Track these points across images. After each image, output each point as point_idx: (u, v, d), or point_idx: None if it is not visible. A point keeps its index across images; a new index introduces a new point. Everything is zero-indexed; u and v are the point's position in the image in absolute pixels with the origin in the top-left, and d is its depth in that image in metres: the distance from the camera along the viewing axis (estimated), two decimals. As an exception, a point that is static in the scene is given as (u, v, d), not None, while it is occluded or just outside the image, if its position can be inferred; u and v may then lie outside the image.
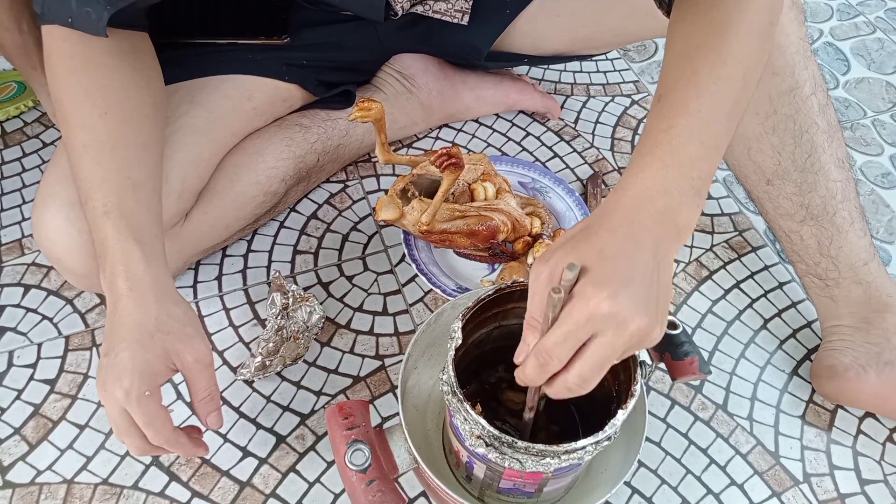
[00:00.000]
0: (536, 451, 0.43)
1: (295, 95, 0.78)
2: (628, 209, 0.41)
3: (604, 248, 0.39)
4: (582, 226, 0.42)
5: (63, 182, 0.60)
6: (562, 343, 0.39)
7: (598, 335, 0.39)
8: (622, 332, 0.38)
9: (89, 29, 0.53)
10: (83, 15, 0.52)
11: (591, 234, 0.40)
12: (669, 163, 0.42)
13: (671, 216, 0.41)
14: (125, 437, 0.50)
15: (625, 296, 0.38)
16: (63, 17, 0.53)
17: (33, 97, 0.90)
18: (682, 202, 0.42)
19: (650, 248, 0.40)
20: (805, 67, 0.63)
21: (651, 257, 0.40)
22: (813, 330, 0.74)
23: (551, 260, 0.40)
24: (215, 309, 0.72)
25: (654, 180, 0.42)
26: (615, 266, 0.39)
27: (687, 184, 0.42)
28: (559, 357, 0.39)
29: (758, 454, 0.65)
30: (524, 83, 0.92)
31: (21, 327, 0.70)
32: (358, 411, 0.53)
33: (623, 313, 0.38)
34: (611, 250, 0.39)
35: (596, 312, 0.38)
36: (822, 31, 1.10)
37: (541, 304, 0.40)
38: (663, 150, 0.43)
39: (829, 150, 0.65)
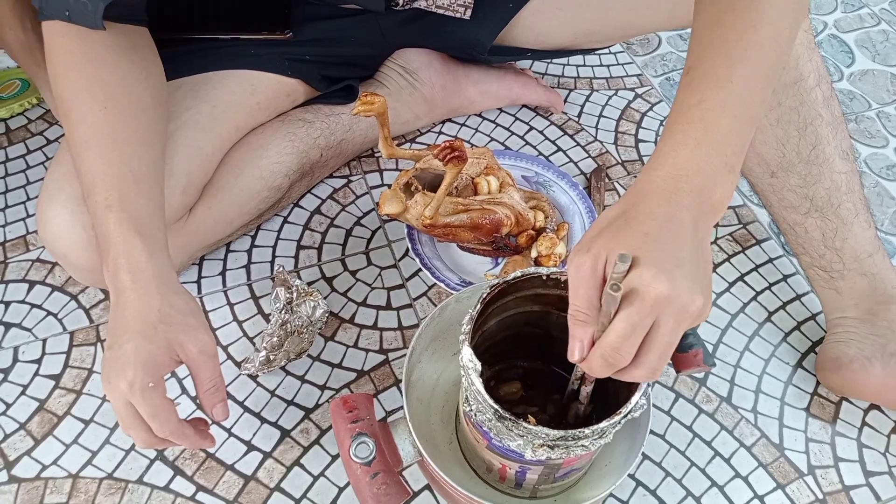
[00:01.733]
0: (600, 430, 0.43)
1: (298, 90, 0.78)
2: (664, 190, 0.40)
3: (648, 231, 0.38)
4: (617, 210, 0.41)
5: (67, 178, 0.60)
6: (629, 336, 0.38)
7: (661, 321, 0.38)
8: (684, 314, 0.38)
9: (86, 22, 0.53)
10: (80, 7, 0.52)
11: (631, 219, 0.40)
12: (702, 140, 0.41)
13: (707, 194, 0.41)
14: (130, 429, 0.50)
15: (680, 277, 0.37)
16: (60, 11, 0.53)
17: (37, 94, 0.91)
18: (716, 180, 0.41)
19: (691, 227, 0.39)
20: (809, 59, 0.63)
21: (693, 235, 0.39)
22: (817, 322, 0.74)
23: (592, 249, 0.39)
24: (219, 304, 0.73)
25: (688, 159, 0.41)
26: (663, 249, 0.38)
27: (721, 161, 0.41)
28: (628, 351, 0.38)
29: (762, 446, 0.65)
30: (527, 77, 0.92)
31: (26, 323, 0.71)
32: (362, 404, 0.53)
33: (683, 296, 0.37)
34: (655, 233, 0.38)
35: (658, 298, 0.37)
36: (826, 24, 1.09)
37: (587, 297, 0.39)
38: (696, 126, 0.42)
39: (833, 142, 0.64)
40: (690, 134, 0.41)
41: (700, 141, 0.41)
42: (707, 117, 0.42)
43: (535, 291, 0.52)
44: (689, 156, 0.41)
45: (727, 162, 0.42)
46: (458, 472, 0.57)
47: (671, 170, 0.41)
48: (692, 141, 0.41)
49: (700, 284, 0.38)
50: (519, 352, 0.59)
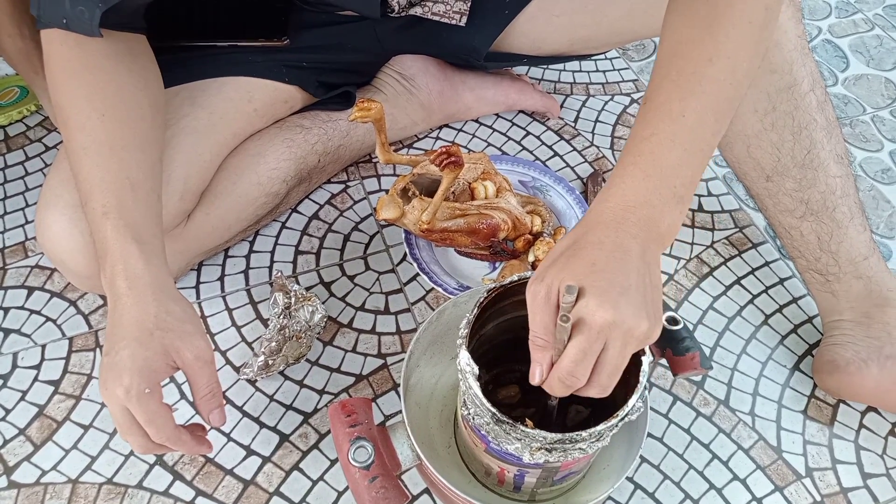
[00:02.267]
0: (597, 433, 0.44)
1: (295, 97, 0.78)
2: (611, 221, 0.42)
3: (595, 261, 0.41)
4: (569, 241, 0.43)
5: (66, 185, 0.60)
6: (581, 361, 0.41)
7: (609, 345, 0.40)
8: (629, 338, 0.40)
9: (83, 29, 0.54)
10: (76, 14, 0.53)
11: (580, 250, 0.41)
12: (651, 172, 0.43)
13: (654, 224, 0.42)
14: (127, 435, 0.50)
15: (625, 304, 0.39)
16: (58, 18, 0.54)
17: (36, 101, 0.91)
18: (663, 211, 0.43)
19: (638, 254, 0.41)
20: (803, 65, 0.63)
21: (640, 262, 0.41)
22: (814, 325, 0.74)
23: (546, 279, 0.41)
24: (218, 309, 0.73)
25: (636, 191, 0.42)
26: (609, 278, 0.40)
27: (669, 192, 0.43)
28: (582, 374, 0.41)
29: (760, 449, 0.65)
30: (524, 83, 0.93)
31: (25, 329, 0.71)
32: (360, 409, 0.53)
33: (629, 321, 0.39)
34: (602, 263, 0.40)
35: (604, 326, 0.39)
36: (820, 29, 1.10)
37: (543, 323, 0.42)
38: (645, 159, 0.43)
39: (828, 147, 0.65)
40: (640, 166, 0.43)
41: (649, 173, 0.43)
42: (657, 150, 0.43)
43: (532, 295, 0.52)
44: (637, 187, 0.43)
45: (675, 193, 0.43)
46: (457, 475, 0.57)
47: (620, 201, 0.43)
48: (641, 173, 0.43)
49: (646, 310, 0.40)
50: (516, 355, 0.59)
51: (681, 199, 0.43)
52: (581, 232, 0.43)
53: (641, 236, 0.42)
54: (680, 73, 0.44)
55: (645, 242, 0.42)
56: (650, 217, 0.42)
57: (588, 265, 0.40)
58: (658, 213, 0.42)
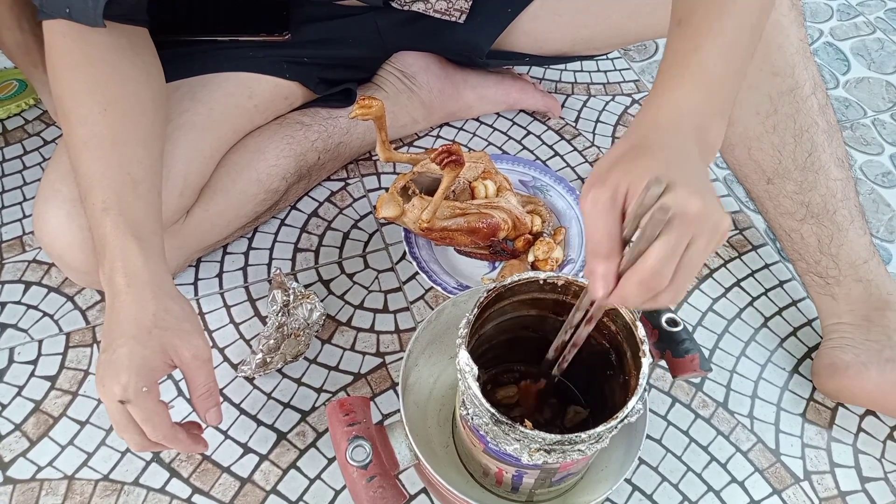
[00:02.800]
0: (596, 435, 0.44)
1: (296, 93, 0.78)
2: (670, 126, 0.42)
3: (668, 158, 0.39)
4: (626, 145, 0.41)
5: (64, 179, 0.60)
6: (670, 257, 0.37)
7: (696, 239, 0.38)
8: (715, 233, 0.38)
9: (87, 19, 0.53)
10: (80, 4, 0.52)
11: (646, 149, 0.40)
12: (700, 83, 0.43)
13: (704, 134, 0.43)
14: (124, 433, 0.50)
15: (711, 199, 0.38)
16: (60, 8, 0.53)
17: (34, 95, 0.90)
18: (711, 122, 0.43)
19: (698, 159, 0.41)
20: (805, 68, 0.63)
21: (703, 164, 0.41)
22: (813, 328, 0.74)
23: (609, 180, 0.39)
24: (216, 306, 0.72)
25: (687, 100, 0.43)
26: (688, 174, 0.39)
27: (715, 104, 0.44)
28: (668, 273, 0.38)
29: (758, 452, 0.65)
30: (525, 82, 0.92)
31: (22, 324, 0.70)
32: (359, 407, 0.53)
33: (716, 215, 0.38)
34: (675, 161, 0.39)
35: (697, 217, 0.37)
36: (822, 31, 1.10)
37: (607, 230, 0.39)
38: (693, 70, 0.44)
39: (829, 150, 0.65)
40: (688, 77, 0.44)
41: (698, 83, 0.43)
42: (704, 62, 0.44)
43: (532, 296, 0.52)
44: (689, 97, 0.43)
45: (720, 107, 0.44)
46: (455, 475, 0.57)
47: (674, 108, 0.43)
48: (690, 83, 0.43)
49: (721, 204, 0.39)
50: (516, 355, 0.59)
51: (723, 115, 0.44)
52: (639, 135, 0.42)
53: (696, 144, 0.42)
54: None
55: (699, 150, 0.42)
56: (701, 126, 0.42)
57: (662, 162, 0.39)
58: (707, 122, 0.43)
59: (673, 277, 0.38)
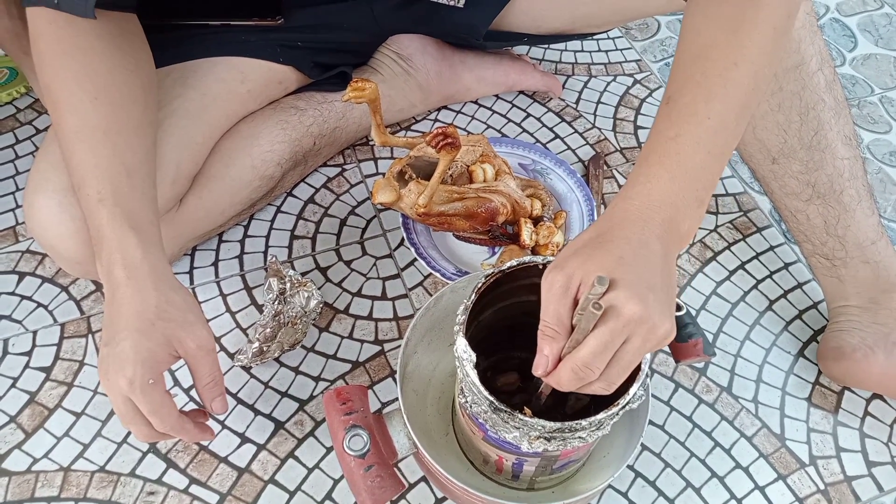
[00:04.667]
0: (597, 422, 0.44)
1: (290, 78, 0.76)
2: (637, 218, 0.42)
3: (623, 255, 0.40)
4: (592, 234, 0.42)
5: (55, 168, 0.59)
6: (601, 353, 0.39)
7: (630, 340, 0.40)
8: (651, 335, 0.40)
9: (76, 10, 0.52)
10: None
11: (606, 243, 0.41)
12: (676, 174, 0.43)
13: (676, 226, 0.43)
14: (131, 425, 0.50)
15: (653, 301, 0.39)
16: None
17: (25, 83, 0.89)
18: (686, 213, 0.43)
19: (661, 254, 0.41)
20: (811, 43, 0.61)
21: (663, 262, 0.41)
22: (819, 311, 0.73)
23: (566, 268, 0.40)
24: (212, 295, 0.72)
25: (661, 192, 0.43)
26: (637, 272, 0.40)
27: (692, 195, 0.43)
28: (598, 367, 0.40)
29: (763, 437, 0.64)
30: (524, 63, 0.91)
31: (16, 315, 0.70)
32: (356, 396, 0.52)
33: (654, 318, 0.39)
34: (630, 257, 0.40)
35: (632, 319, 0.39)
36: (828, 7, 1.08)
37: (557, 314, 0.41)
38: (671, 160, 0.43)
39: (835, 128, 0.63)
40: (665, 167, 0.43)
41: (674, 175, 0.43)
42: (682, 152, 0.43)
43: (532, 281, 0.51)
44: (662, 188, 0.43)
45: (697, 196, 0.44)
46: (455, 463, 0.56)
47: (645, 200, 0.43)
48: (666, 174, 0.43)
49: (668, 309, 0.41)
50: (515, 342, 0.58)
51: (701, 203, 0.44)
52: (605, 226, 0.42)
53: (664, 237, 0.42)
54: (705, 76, 0.44)
55: (667, 243, 0.42)
56: (673, 218, 0.42)
57: (616, 258, 0.40)
58: (681, 214, 0.43)
59: (606, 370, 0.40)
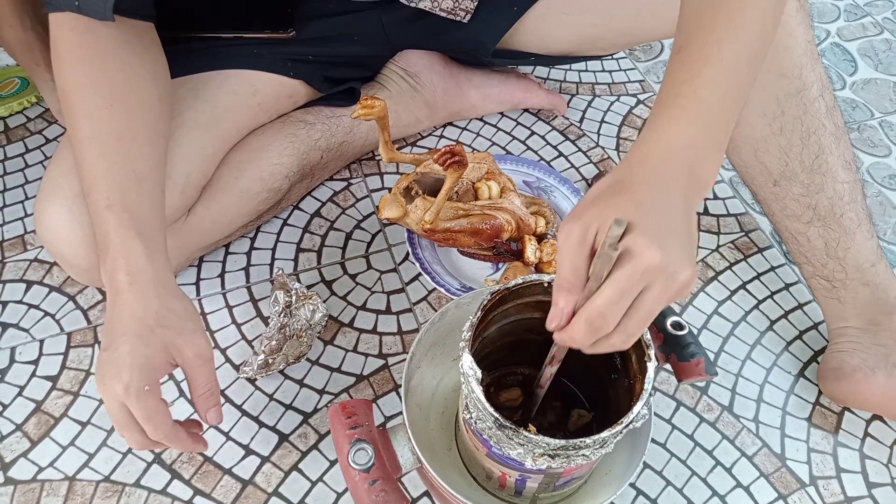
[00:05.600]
0: (601, 440, 0.43)
1: (300, 92, 0.77)
2: (656, 162, 0.41)
3: (642, 200, 0.39)
4: (610, 181, 0.41)
5: (66, 175, 0.60)
6: (617, 302, 0.38)
7: (649, 288, 0.38)
8: (672, 283, 0.38)
9: (96, 13, 0.53)
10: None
11: (625, 188, 0.40)
12: (694, 116, 0.42)
13: (696, 169, 0.41)
14: (124, 431, 0.50)
15: (673, 246, 0.37)
16: (70, 2, 0.52)
17: (36, 93, 0.90)
18: (705, 156, 0.42)
19: (681, 199, 0.40)
20: (812, 70, 0.62)
21: (683, 208, 0.40)
22: (819, 332, 0.73)
23: (583, 217, 0.39)
24: (218, 306, 0.72)
25: (680, 134, 0.41)
26: (657, 217, 0.38)
27: (710, 137, 0.42)
28: (614, 316, 0.38)
29: (764, 456, 0.65)
30: (529, 81, 0.92)
31: (23, 323, 0.70)
32: (361, 410, 0.53)
33: (674, 264, 0.37)
34: (649, 202, 0.39)
35: (651, 265, 0.37)
36: (829, 32, 1.09)
37: (573, 264, 0.39)
38: (688, 101, 0.42)
39: (836, 152, 0.64)
40: (683, 108, 0.42)
41: (692, 117, 0.42)
42: (699, 93, 0.42)
43: (537, 298, 0.52)
44: (681, 130, 0.41)
45: (716, 139, 0.43)
46: (458, 479, 0.56)
47: (665, 144, 0.41)
48: (684, 116, 0.42)
49: (689, 255, 0.39)
50: (519, 358, 0.58)
51: (720, 147, 0.43)
52: (624, 172, 0.41)
53: (684, 181, 0.40)
54: (714, 22, 0.44)
55: (687, 189, 0.40)
56: (693, 161, 0.41)
57: (635, 203, 0.38)
58: (700, 157, 0.41)
59: (623, 321, 0.38)
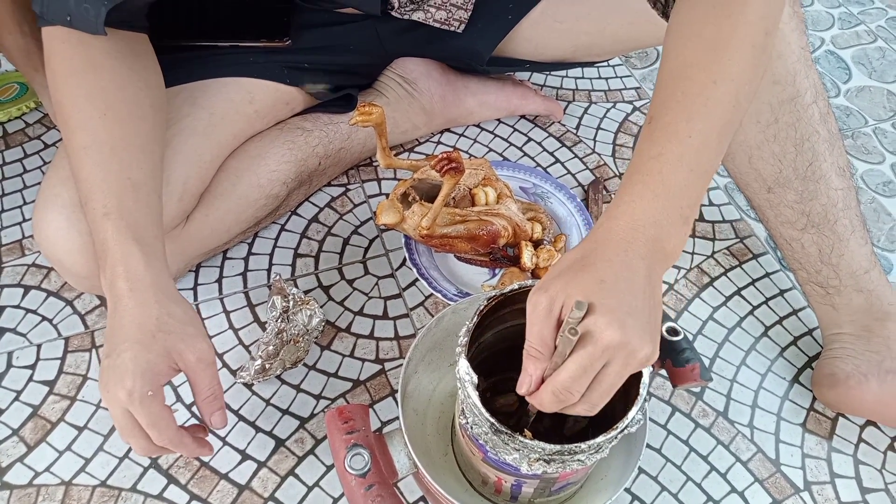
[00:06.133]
0: (596, 445, 0.44)
1: (297, 98, 0.78)
2: (621, 239, 0.42)
3: (604, 278, 0.40)
4: (576, 255, 0.43)
5: (64, 183, 0.60)
6: (580, 377, 0.40)
7: (610, 364, 0.40)
8: (632, 359, 0.40)
9: (88, 27, 0.53)
10: (81, 12, 0.53)
11: (589, 265, 0.41)
12: (660, 192, 0.43)
13: (661, 244, 0.43)
14: (129, 437, 0.50)
15: (632, 325, 0.39)
16: (62, 16, 0.53)
17: (35, 98, 0.91)
18: (670, 231, 0.43)
19: (645, 274, 0.41)
20: (806, 76, 0.63)
21: (646, 282, 0.41)
22: (814, 337, 0.74)
23: (550, 290, 0.41)
24: (215, 311, 0.72)
25: (645, 211, 0.43)
26: (618, 296, 0.40)
27: (676, 213, 0.43)
28: (578, 390, 0.41)
29: (758, 462, 0.65)
30: (526, 88, 0.92)
31: (21, 328, 0.70)
32: (358, 415, 0.53)
33: (633, 342, 0.39)
34: (611, 280, 0.40)
35: (610, 344, 0.39)
36: (823, 40, 1.10)
37: (540, 335, 0.41)
38: (654, 178, 0.43)
39: (829, 159, 0.65)
40: (648, 186, 0.43)
41: (657, 193, 0.43)
42: (665, 170, 0.43)
43: (533, 304, 0.52)
44: (646, 207, 0.43)
45: (682, 214, 0.44)
46: (454, 484, 0.56)
47: (629, 220, 0.43)
48: (650, 193, 0.43)
49: (650, 332, 0.41)
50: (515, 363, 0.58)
51: (686, 220, 0.44)
52: (589, 248, 0.43)
53: (648, 257, 0.42)
54: (685, 95, 0.45)
55: (651, 263, 0.42)
56: (657, 237, 0.42)
57: (597, 281, 0.40)
58: (665, 233, 0.43)
59: (587, 393, 0.41)
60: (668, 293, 0.77)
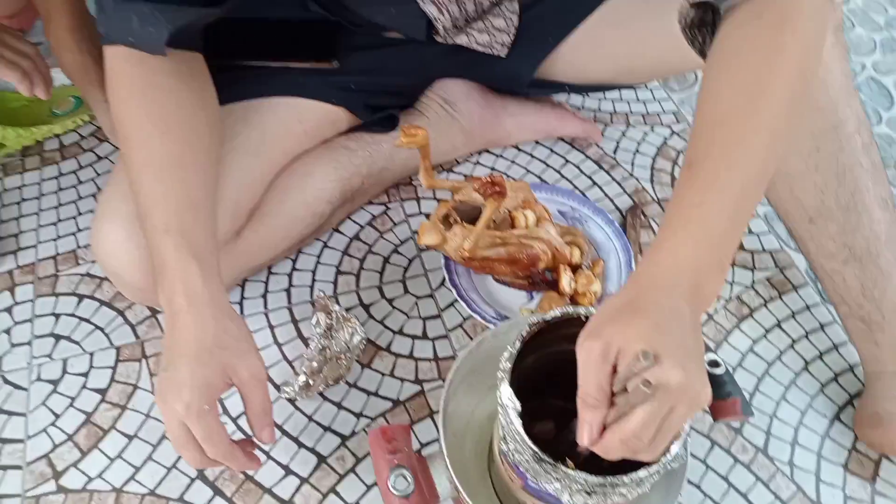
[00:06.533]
0: (638, 479, 0.44)
1: (342, 118, 0.79)
2: (665, 284, 0.43)
3: (658, 322, 0.41)
4: (622, 300, 0.44)
5: (124, 199, 0.62)
6: (650, 425, 0.41)
7: (676, 409, 0.41)
8: (695, 402, 0.41)
9: (150, 48, 0.56)
10: (145, 34, 0.55)
11: (640, 310, 0.42)
12: (701, 241, 0.45)
13: (700, 289, 0.44)
14: (183, 449, 0.52)
15: (691, 368, 0.40)
16: (124, 37, 0.56)
17: (89, 112, 0.93)
18: (709, 278, 0.45)
19: (690, 318, 0.43)
20: (848, 105, 0.62)
21: (692, 325, 0.43)
22: (855, 374, 0.73)
23: (603, 336, 0.41)
24: (261, 325, 0.74)
25: (687, 258, 0.44)
26: (675, 341, 0.41)
27: (715, 260, 0.45)
28: (648, 437, 0.41)
29: (798, 501, 0.64)
30: (564, 110, 0.93)
31: (75, 336, 0.73)
32: (400, 436, 0.54)
33: (696, 386, 0.41)
34: (665, 325, 0.41)
35: (679, 389, 0.40)
36: (864, 66, 1.09)
37: (597, 382, 0.41)
38: (695, 226, 0.45)
39: (873, 190, 0.64)
40: (690, 233, 0.45)
41: (699, 242, 0.45)
42: (706, 219, 0.45)
43: (572, 331, 0.52)
44: (688, 255, 0.44)
45: (720, 262, 0.45)
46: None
47: (672, 265, 0.44)
48: (691, 240, 0.45)
49: (705, 375, 0.42)
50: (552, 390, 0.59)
51: (723, 268, 0.46)
52: (636, 292, 0.44)
53: (691, 301, 0.43)
54: (725, 143, 0.46)
55: (693, 305, 0.43)
56: (698, 283, 0.44)
57: (652, 325, 0.41)
58: (704, 279, 0.44)
59: (652, 439, 0.41)
60: (707, 323, 0.76)
